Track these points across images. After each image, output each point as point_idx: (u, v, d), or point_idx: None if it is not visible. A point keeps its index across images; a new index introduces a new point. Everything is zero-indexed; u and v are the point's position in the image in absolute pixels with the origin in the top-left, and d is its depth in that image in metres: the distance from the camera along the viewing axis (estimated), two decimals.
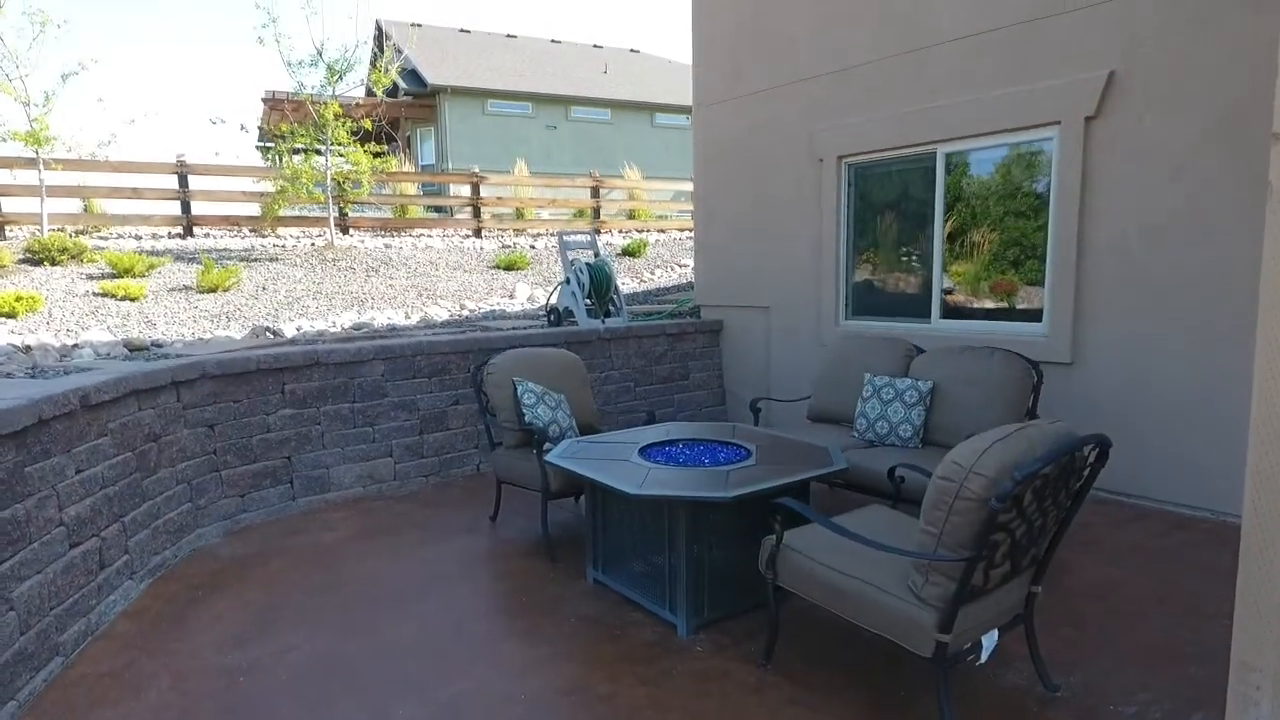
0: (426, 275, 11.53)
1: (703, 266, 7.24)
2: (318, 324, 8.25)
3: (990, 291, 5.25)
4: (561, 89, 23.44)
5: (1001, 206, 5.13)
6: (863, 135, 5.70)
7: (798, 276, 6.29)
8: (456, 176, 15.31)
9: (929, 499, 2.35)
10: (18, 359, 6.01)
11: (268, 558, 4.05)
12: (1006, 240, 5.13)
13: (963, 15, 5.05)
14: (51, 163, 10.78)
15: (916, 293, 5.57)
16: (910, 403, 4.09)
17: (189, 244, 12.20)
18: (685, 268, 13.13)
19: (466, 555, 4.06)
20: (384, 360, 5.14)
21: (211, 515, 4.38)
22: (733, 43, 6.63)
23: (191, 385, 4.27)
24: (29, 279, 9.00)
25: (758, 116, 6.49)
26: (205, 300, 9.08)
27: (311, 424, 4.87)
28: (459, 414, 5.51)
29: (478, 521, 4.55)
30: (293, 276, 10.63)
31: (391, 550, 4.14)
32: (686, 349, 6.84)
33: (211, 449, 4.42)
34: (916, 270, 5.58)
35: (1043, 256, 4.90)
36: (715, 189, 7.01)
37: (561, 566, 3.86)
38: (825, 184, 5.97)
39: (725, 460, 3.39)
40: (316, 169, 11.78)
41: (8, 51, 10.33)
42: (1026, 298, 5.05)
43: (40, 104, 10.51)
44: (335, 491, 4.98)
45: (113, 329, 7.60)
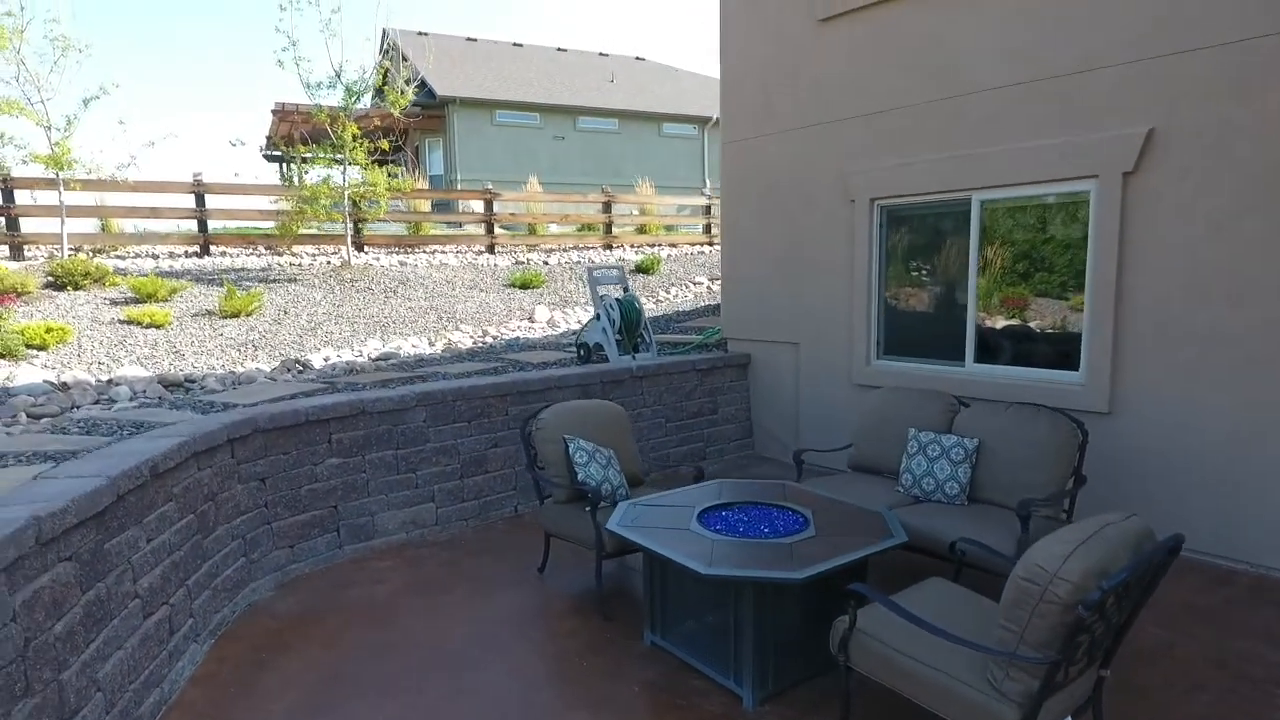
0: (444, 295, 11.57)
1: (730, 299, 7.29)
2: (344, 354, 8.30)
3: (1025, 337, 5.31)
4: (569, 99, 23.50)
5: (1037, 254, 5.19)
6: (896, 179, 5.76)
7: (828, 314, 6.35)
8: (471, 193, 15.35)
9: (1010, 597, 2.42)
10: (57, 399, 6.07)
11: (323, 615, 4.10)
12: (1042, 288, 5.19)
13: (1001, 66, 5.11)
14: (71, 183, 10.82)
15: (950, 336, 5.63)
16: (956, 460, 4.15)
17: (206, 263, 12.24)
18: (700, 285, 13.19)
19: (519, 612, 4.11)
20: (426, 406, 5.20)
21: (264, 568, 4.43)
22: (762, 80, 6.69)
23: (245, 441, 4.33)
24: (54, 305, 9.04)
25: (788, 154, 6.55)
26: (229, 326, 9.13)
27: (357, 472, 4.93)
28: (497, 456, 5.56)
29: (525, 573, 4.60)
30: (312, 299, 10.68)
31: (444, 606, 4.19)
32: (715, 384, 6.90)
33: (263, 502, 4.47)
34: (950, 313, 5.64)
35: (1080, 306, 4.96)
36: (743, 223, 7.07)
37: (616, 626, 3.91)
38: (857, 225, 6.03)
39: (785, 529, 3.45)
40: (334, 188, 11.82)
41: (29, 76, 10.36)
42: (1063, 345, 5.10)
43: (61, 128, 10.54)
44: (380, 538, 5.03)
45: (143, 360, 7.64)
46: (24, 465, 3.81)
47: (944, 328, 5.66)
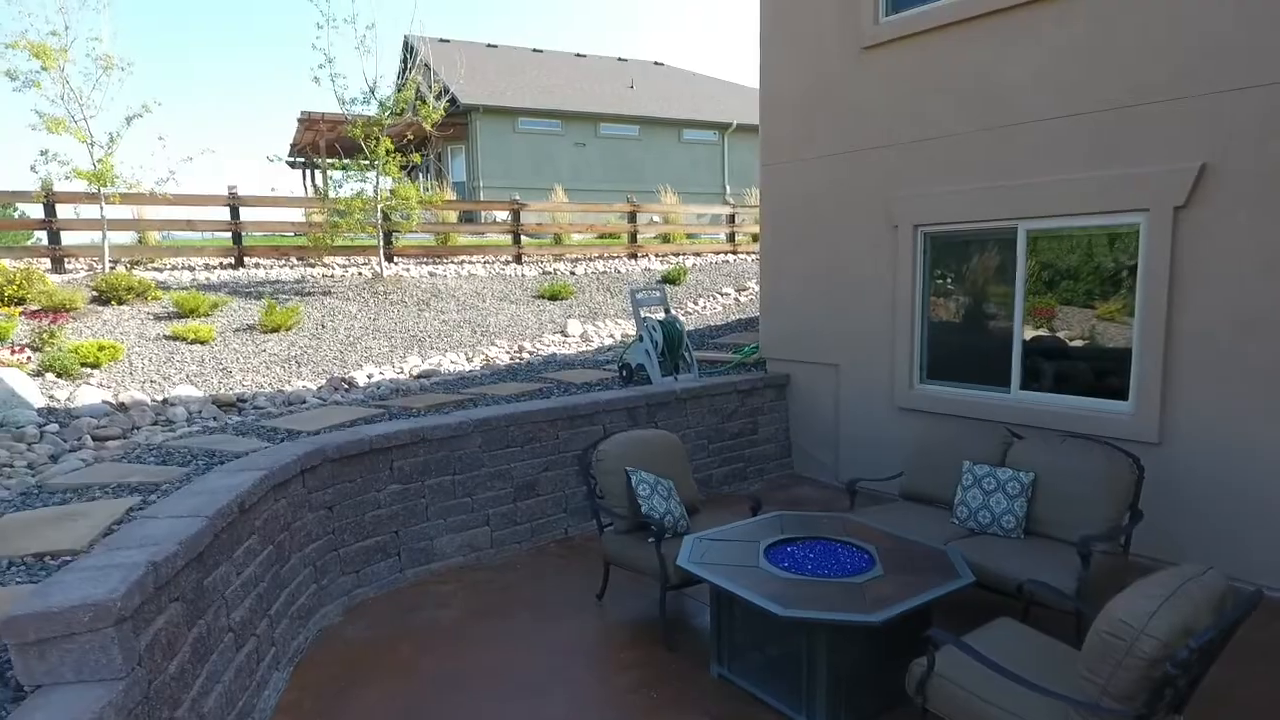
0: (476, 308, 11.71)
1: (769, 319, 7.38)
2: (386, 371, 8.44)
3: (1072, 365, 5.37)
4: (590, 106, 23.63)
5: (1084, 284, 5.25)
6: (941, 206, 5.83)
7: (869, 337, 6.42)
8: (499, 204, 15.49)
9: (1093, 649, 2.49)
10: (118, 420, 6.24)
11: (393, 642, 4.22)
12: (1089, 317, 5.25)
13: (1050, 97, 5.17)
14: (113, 197, 11.03)
15: (995, 362, 5.69)
16: (1012, 494, 4.22)
17: (241, 275, 12.44)
18: (727, 296, 13.27)
19: (583, 640, 4.22)
20: (481, 432, 5.32)
21: (332, 594, 4.56)
22: (802, 105, 6.77)
23: (315, 470, 4.46)
24: (100, 321, 9.24)
25: (829, 178, 6.62)
26: (271, 341, 9.29)
27: (417, 498, 5.05)
28: (548, 480, 5.68)
29: (584, 599, 4.71)
30: (348, 312, 10.84)
31: (508, 633, 4.30)
32: (755, 404, 6.99)
33: (330, 529, 4.60)
34: (995, 340, 5.70)
35: (1128, 335, 5.02)
36: (783, 245, 7.15)
37: (680, 657, 4.01)
38: (901, 250, 6.10)
39: (852, 568, 3.54)
40: (367, 201, 11.97)
41: (73, 94, 10.58)
42: (1110, 374, 5.16)
43: (104, 145, 10.75)
44: (439, 561, 5.16)
45: (192, 378, 7.81)
46: (112, 498, 3.96)
47: (989, 354, 5.73)
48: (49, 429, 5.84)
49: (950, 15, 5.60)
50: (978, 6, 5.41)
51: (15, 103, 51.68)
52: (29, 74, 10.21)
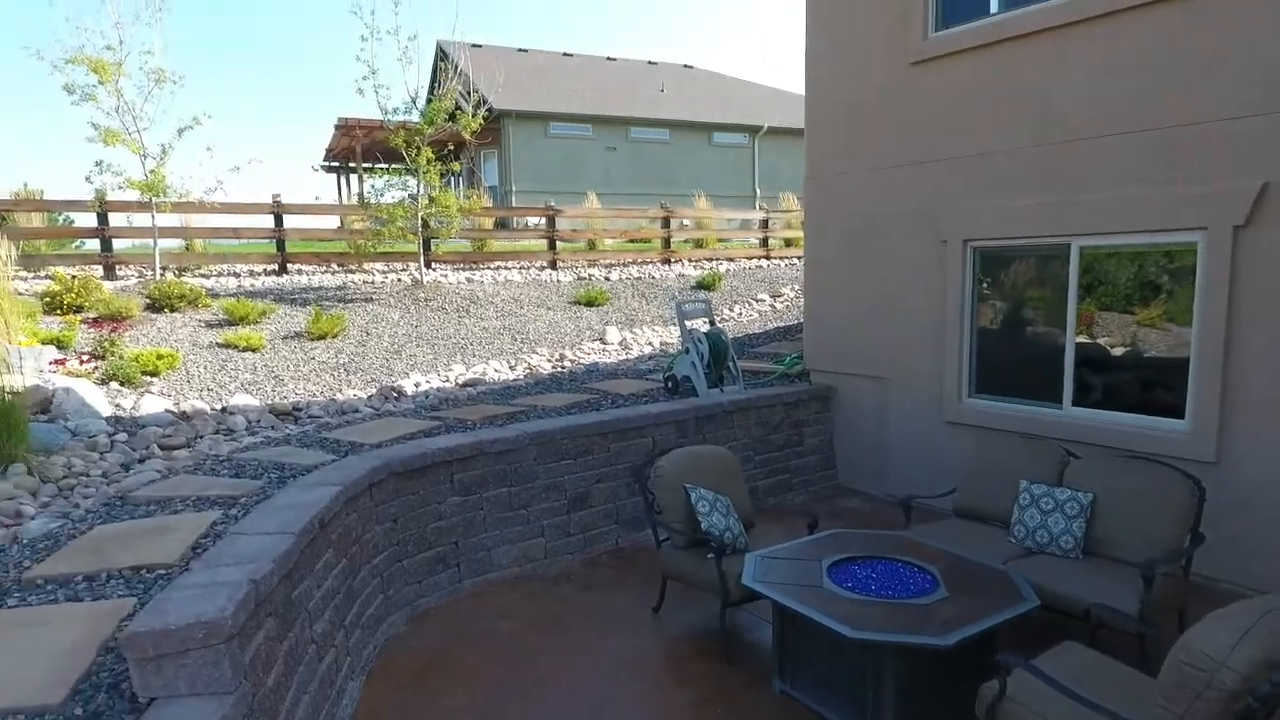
0: (514, 315, 11.86)
1: (813, 331, 7.42)
2: (432, 379, 8.61)
3: (1125, 382, 5.36)
4: (620, 110, 23.74)
5: (1140, 301, 5.24)
6: (991, 222, 5.84)
7: (917, 351, 6.45)
8: (534, 209, 15.65)
9: (1170, 678, 2.53)
10: (182, 429, 6.45)
11: (458, 652, 4.33)
12: (1144, 334, 5.24)
13: (1104, 115, 5.16)
14: (163, 205, 11.33)
15: (1046, 377, 5.69)
16: (1070, 514, 4.24)
17: (285, 281, 12.72)
18: (763, 303, 13.31)
19: (643, 653, 4.31)
20: (537, 445, 5.43)
21: (397, 604, 4.70)
22: (849, 118, 6.80)
23: (382, 484, 4.59)
24: (155, 329, 9.51)
25: (875, 192, 6.65)
26: (318, 349, 9.51)
27: (475, 510, 5.18)
28: (600, 492, 5.78)
29: (639, 611, 4.80)
30: (390, 319, 11.04)
31: (569, 645, 4.40)
32: (800, 416, 7.04)
33: (395, 540, 4.74)
34: (1046, 355, 5.70)
35: (1184, 353, 5.00)
36: (827, 257, 7.19)
37: (740, 671, 4.09)
38: (949, 264, 6.12)
39: (916, 589, 3.59)
40: (409, 209, 12.17)
41: (127, 107, 10.89)
42: (1166, 391, 5.14)
43: (157, 156, 11.06)
44: (495, 572, 5.28)
45: (247, 386, 8.03)
46: (195, 511, 4.12)
47: (1040, 369, 5.73)
48: (118, 438, 6.06)
49: (1002, 32, 5.61)
50: (1031, 24, 5.42)
51: (69, 115, 53.10)
52: (86, 88, 10.53)
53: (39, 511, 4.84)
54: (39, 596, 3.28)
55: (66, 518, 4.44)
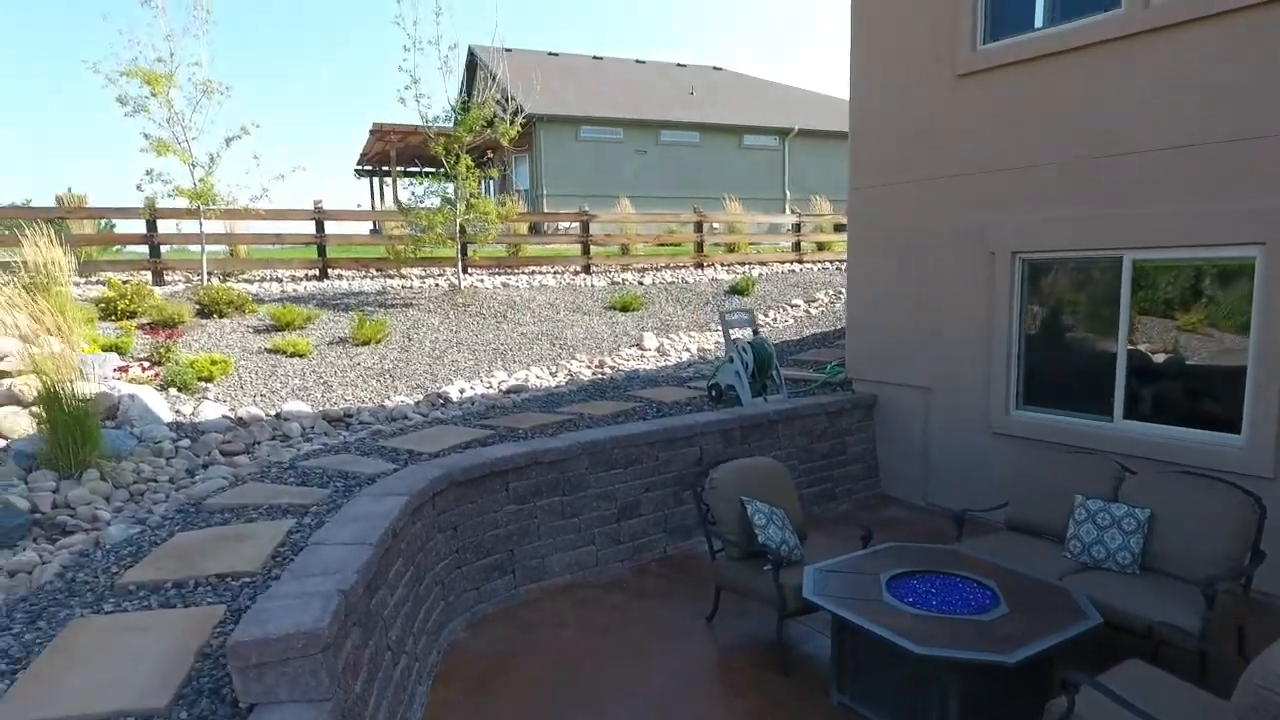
0: (551, 320, 11.99)
1: (856, 340, 7.45)
2: (476, 385, 8.75)
3: (1178, 396, 5.34)
4: (651, 113, 23.85)
5: (1193, 314, 5.22)
6: (1040, 234, 5.84)
7: (963, 361, 6.46)
8: (569, 215, 15.79)
9: (1246, 701, 2.56)
10: (241, 436, 6.63)
11: (519, 658, 4.45)
12: (1197, 347, 5.22)
13: (1157, 129, 5.15)
14: (210, 212, 11.61)
15: (1097, 390, 5.68)
16: (1128, 530, 4.25)
17: (326, 287, 12.96)
18: (798, 308, 13.31)
19: (698, 663, 4.39)
20: (589, 455, 5.54)
21: (456, 610, 4.83)
22: (894, 130, 6.83)
23: (443, 493, 4.72)
24: (205, 334, 9.76)
25: (921, 203, 6.67)
26: (363, 354, 9.69)
27: (530, 518, 5.29)
28: (649, 501, 5.87)
29: (692, 620, 4.88)
30: (430, 324, 11.21)
31: (627, 653, 4.50)
32: (843, 425, 7.08)
33: (455, 548, 4.86)
34: (1097, 368, 5.69)
35: (1240, 367, 4.98)
36: (871, 267, 7.22)
37: (797, 682, 4.15)
38: (997, 276, 6.13)
39: (976, 605, 3.63)
40: (448, 216, 12.34)
41: (176, 117, 11.17)
42: (1221, 406, 5.12)
43: (205, 165, 11.33)
44: (548, 579, 5.39)
45: (297, 392, 8.22)
46: (268, 519, 4.28)
47: (1090, 382, 5.72)
48: (182, 444, 6.26)
49: (1053, 45, 5.61)
50: (1086, 36, 5.42)
51: (116, 125, 54.58)
52: (139, 99, 10.83)
53: (113, 516, 5.03)
54: (133, 602, 3.44)
55: (143, 524, 4.62)
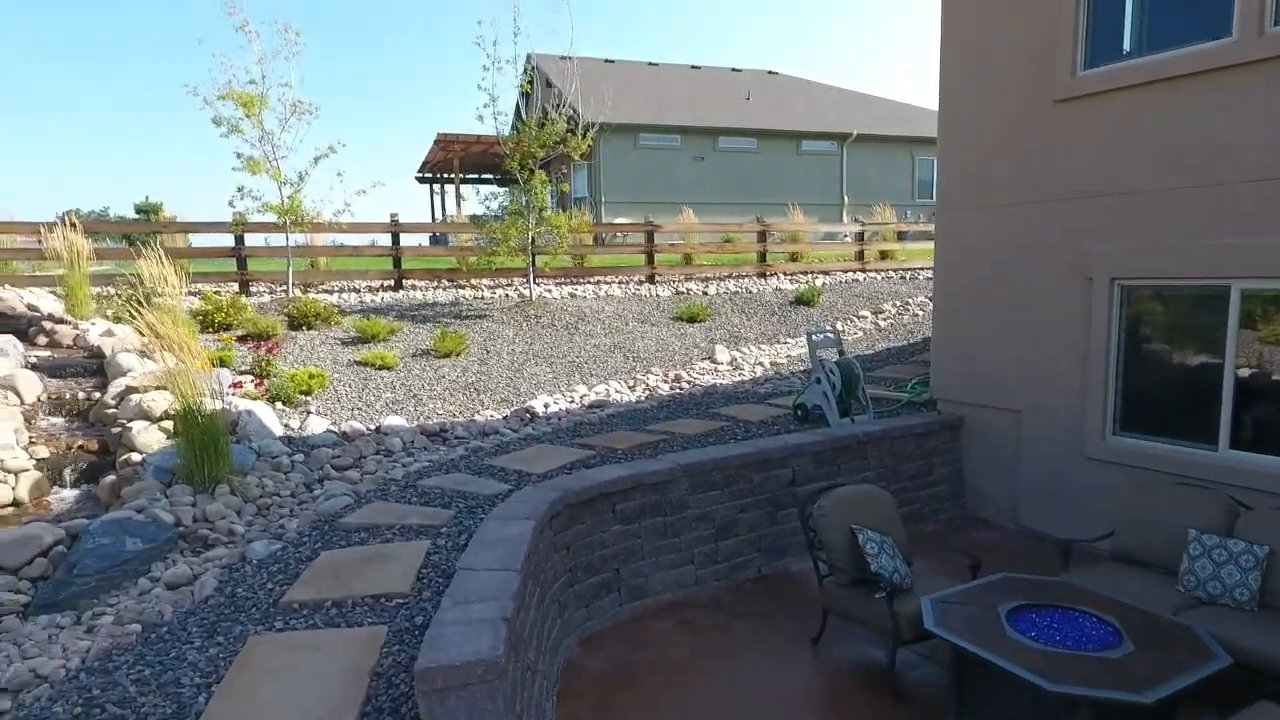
0: (620, 331, 12.19)
1: (942, 362, 7.48)
2: (559, 400, 8.98)
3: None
4: (708, 120, 23.93)
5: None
6: (1142, 261, 5.82)
7: (1055, 386, 6.45)
8: (635, 225, 15.99)
9: None
10: (349, 450, 6.96)
11: (632, 675, 4.63)
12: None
13: (1269, 158, 5.10)
14: (300, 225, 12.11)
15: (1200, 418, 5.63)
16: (1246, 567, 4.25)
17: (401, 297, 13.38)
18: (865, 319, 13.30)
19: (809, 686, 4.52)
20: (688, 477, 5.70)
21: (570, 627, 5.04)
22: (985, 152, 6.85)
23: (559, 515, 4.94)
24: (297, 346, 10.18)
25: (1012, 228, 6.68)
26: (445, 366, 10.01)
27: (634, 538, 5.48)
28: (745, 521, 6.01)
29: (796, 642, 5.01)
30: (505, 336, 11.52)
31: (738, 673, 4.65)
32: (930, 446, 7.12)
33: (569, 568, 5.07)
34: (1200, 396, 5.65)
35: None
36: (959, 289, 7.24)
37: (910, 708, 4.26)
38: (1095, 302, 6.12)
39: (1100, 641, 3.69)
40: (522, 229, 12.63)
41: (267, 136, 11.67)
42: None
43: (293, 182, 11.82)
44: (651, 597, 5.57)
45: (390, 405, 8.57)
46: (404, 540, 4.54)
47: (1193, 410, 5.68)
48: (296, 459, 6.61)
49: (1156, 72, 5.59)
50: (1189, 65, 5.39)
51: (204, 143, 57.00)
52: (233, 120, 11.35)
53: (246, 529, 5.37)
54: (299, 620, 3.71)
55: (280, 539, 4.93)
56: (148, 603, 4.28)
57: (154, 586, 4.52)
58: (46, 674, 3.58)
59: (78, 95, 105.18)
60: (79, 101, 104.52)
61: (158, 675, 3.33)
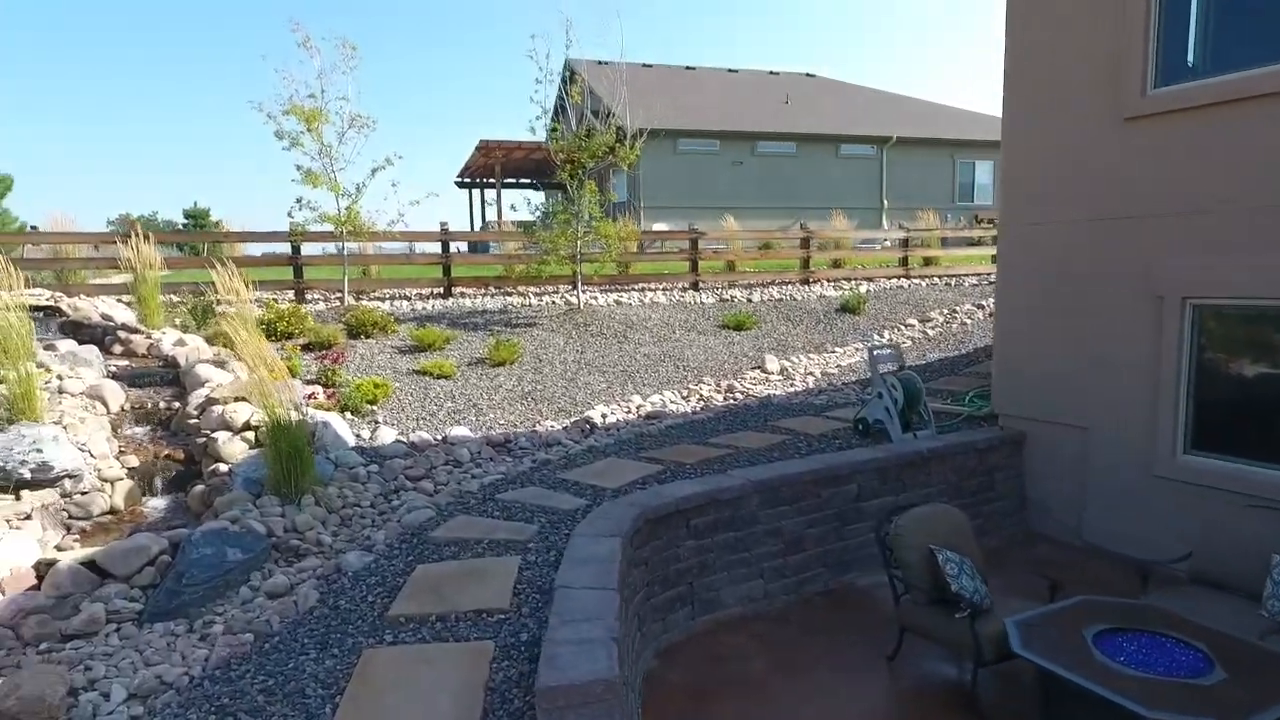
0: (668, 340, 12.30)
1: (1004, 376, 7.49)
2: (615, 410, 9.12)
3: None
4: (746, 124, 23.96)
5: None
6: (1218, 281, 5.80)
7: (1123, 404, 6.44)
8: (679, 233, 16.12)
9: None
10: (420, 461, 7.15)
11: (715, 692, 4.74)
12: None
13: None
14: (360, 233, 12.42)
15: (1276, 439, 5.60)
16: None
17: (451, 305, 13.65)
18: (912, 327, 13.26)
19: (889, 703, 4.61)
20: (759, 493, 5.80)
21: (648, 639, 5.16)
22: (1051, 168, 6.85)
23: (638, 531, 5.07)
24: (357, 355, 10.45)
25: (1079, 243, 6.68)
26: (500, 375, 10.21)
27: (707, 553, 5.60)
28: (812, 537, 6.10)
29: (870, 658, 5.08)
30: (556, 345, 11.69)
31: (815, 690, 4.74)
32: (993, 461, 7.14)
33: (646, 581, 5.20)
34: (1276, 416, 5.62)
35: None
36: (1022, 305, 7.25)
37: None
38: (1166, 320, 6.10)
39: (1190, 668, 3.73)
40: (571, 237, 12.82)
41: (325, 149, 11.99)
42: None
43: (351, 194, 12.12)
44: (721, 611, 5.68)
45: (452, 415, 8.77)
46: (494, 555, 4.70)
47: (1268, 430, 5.65)
48: (371, 469, 6.81)
49: (1234, 91, 5.56)
50: (1273, 84, 5.36)
51: (263, 153, 58.80)
52: (293, 134, 11.68)
53: (333, 540, 5.58)
54: (407, 634, 3.87)
55: (370, 551, 5.12)
56: (252, 612, 4.49)
57: (255, 596, 4.74)
58: (171, 681, 3.79)
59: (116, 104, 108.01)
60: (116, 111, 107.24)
61: (282, 685, 3.52)
